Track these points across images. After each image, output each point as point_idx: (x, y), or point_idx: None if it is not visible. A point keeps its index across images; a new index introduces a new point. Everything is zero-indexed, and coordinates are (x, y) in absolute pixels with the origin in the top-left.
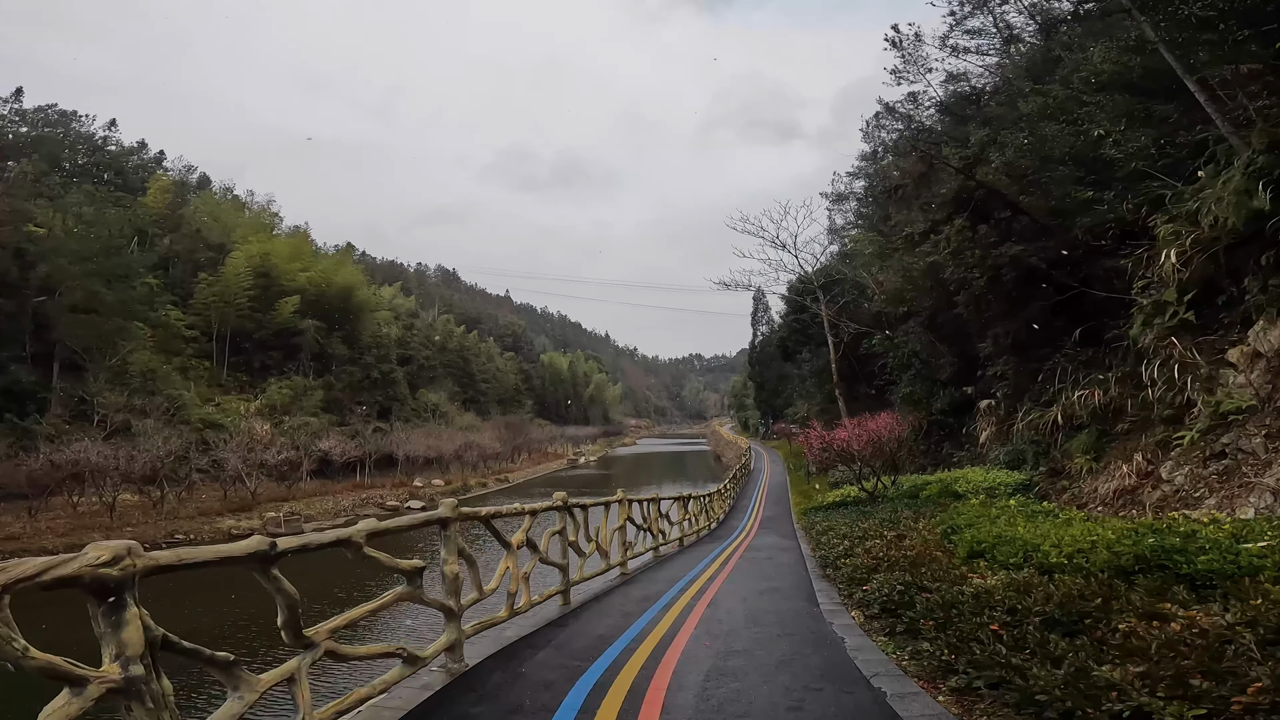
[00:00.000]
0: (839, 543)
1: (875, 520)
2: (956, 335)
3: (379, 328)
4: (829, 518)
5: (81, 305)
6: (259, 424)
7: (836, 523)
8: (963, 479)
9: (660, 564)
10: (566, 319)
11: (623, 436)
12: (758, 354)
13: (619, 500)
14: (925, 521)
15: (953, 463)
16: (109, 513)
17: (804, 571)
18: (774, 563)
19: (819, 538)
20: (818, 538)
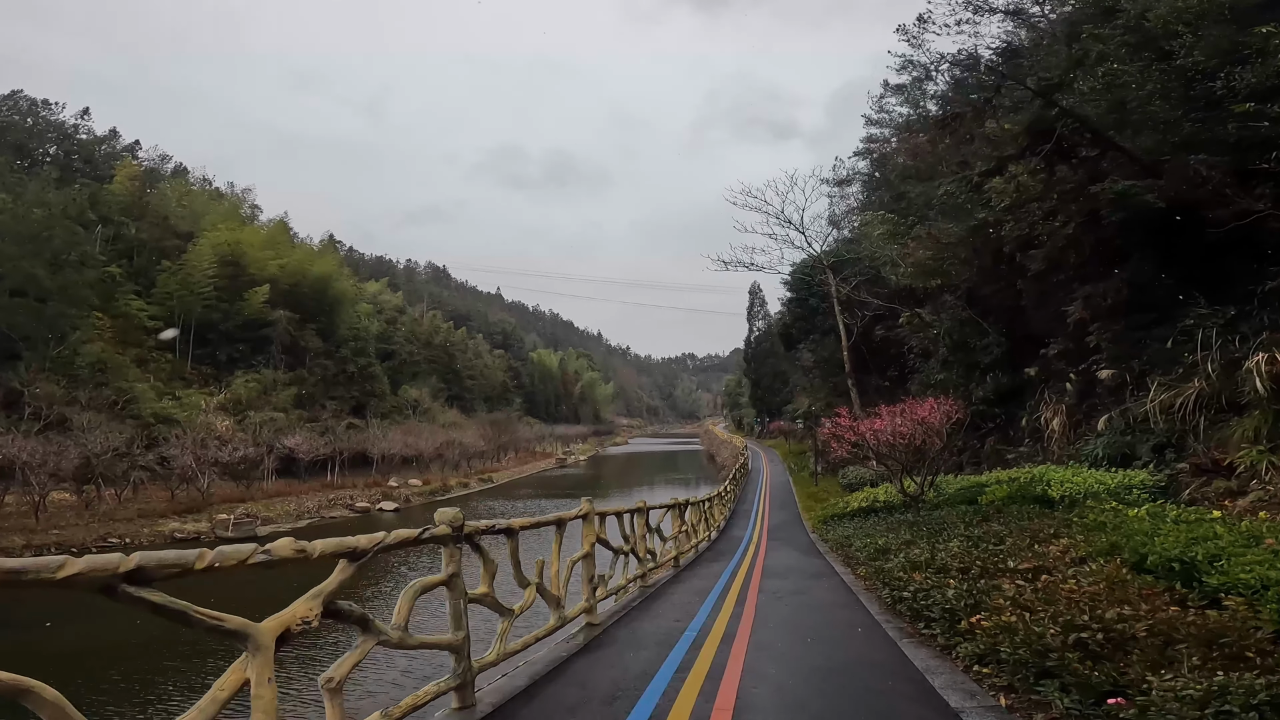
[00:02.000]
0: (918, 575)
1: (954, 538)
2: (1005, 310)
3: (358, 320)
4: (864, 530)
5: (20, 290)
6: (219, 419)
7: (878, 536)
8: (1043, 480)
9: (648, 602)
10: (558, 317)
11: (614, 436)
12: (753, 350)
13: (581, 515)
14: (1060, 541)
15: (1008, 460)
16: (35, 514)
17: (867, 619)
18: (811, 602)
19: (870, 561)
20: (867, 561)
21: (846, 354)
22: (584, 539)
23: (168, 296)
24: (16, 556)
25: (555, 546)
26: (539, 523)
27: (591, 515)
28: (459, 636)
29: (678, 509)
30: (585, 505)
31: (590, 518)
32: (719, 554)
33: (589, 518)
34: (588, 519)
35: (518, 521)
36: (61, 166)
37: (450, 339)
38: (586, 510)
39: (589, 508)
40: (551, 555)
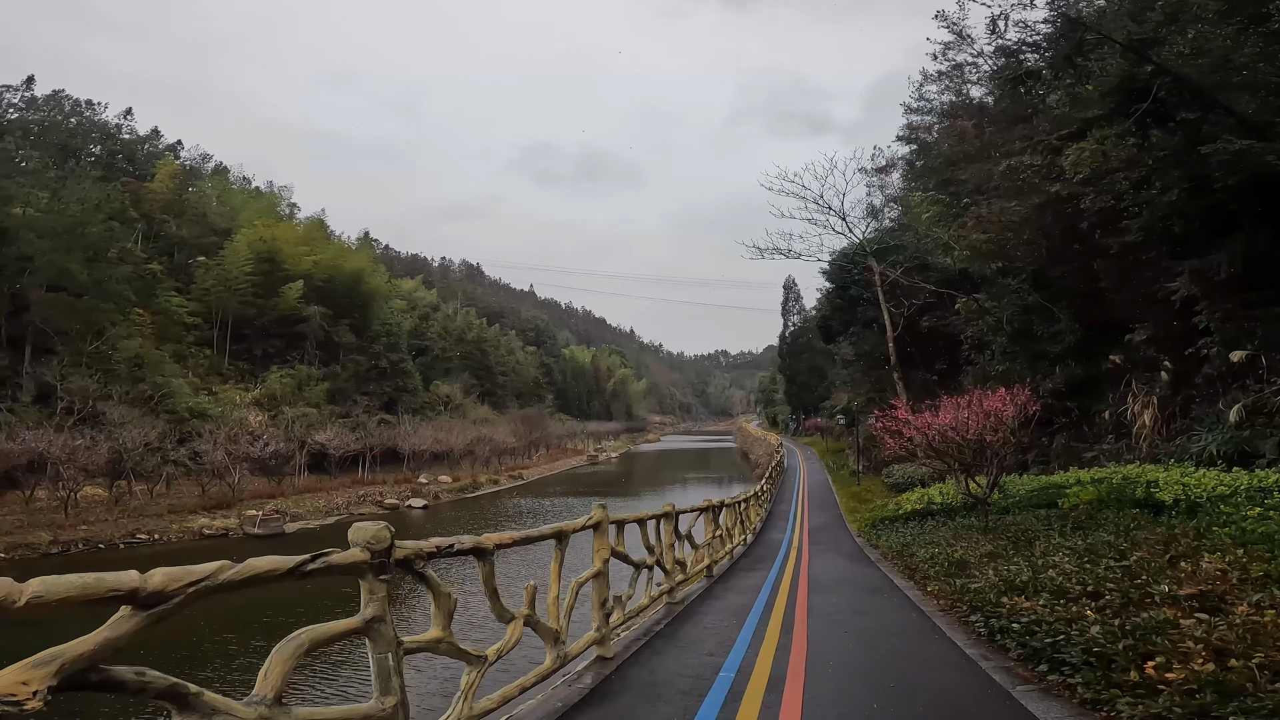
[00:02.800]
0: (1025, 602)
1: (1055, 551)
2: (1078, 294)
3: (390, 316)
4: (926, 536)
5: (54, 285)
6: (253, 414)
7: (945, 545)
8: (1140, 480)
9: (676, 625)
10: (590, 314)
11: (646, 433)
12: (788, 345)
13: (591, 525)
14: (1210, 557)
15: (1084, 459)
16: (65, 509)
17: (957, 656)
18: (876, 628)
19: (945, 578)
20: (941, 577)
21: (892, 346)
22: (595, 554)
23: (205, 293)
24: (43, 553)
25: (555, 566)
26: (527, 538)
27: (605, 525)
28: (386, 706)
29: (711, 512)
30: (597, 513)
31: (603, 527)
32: (756, 560)
33: (602, 528)
34: (600, 529)
35: (493, 538)
36: (105, 166)
37: (483, 335)
38: (599, 519)
39: (601, 515)
40: (550, 576)
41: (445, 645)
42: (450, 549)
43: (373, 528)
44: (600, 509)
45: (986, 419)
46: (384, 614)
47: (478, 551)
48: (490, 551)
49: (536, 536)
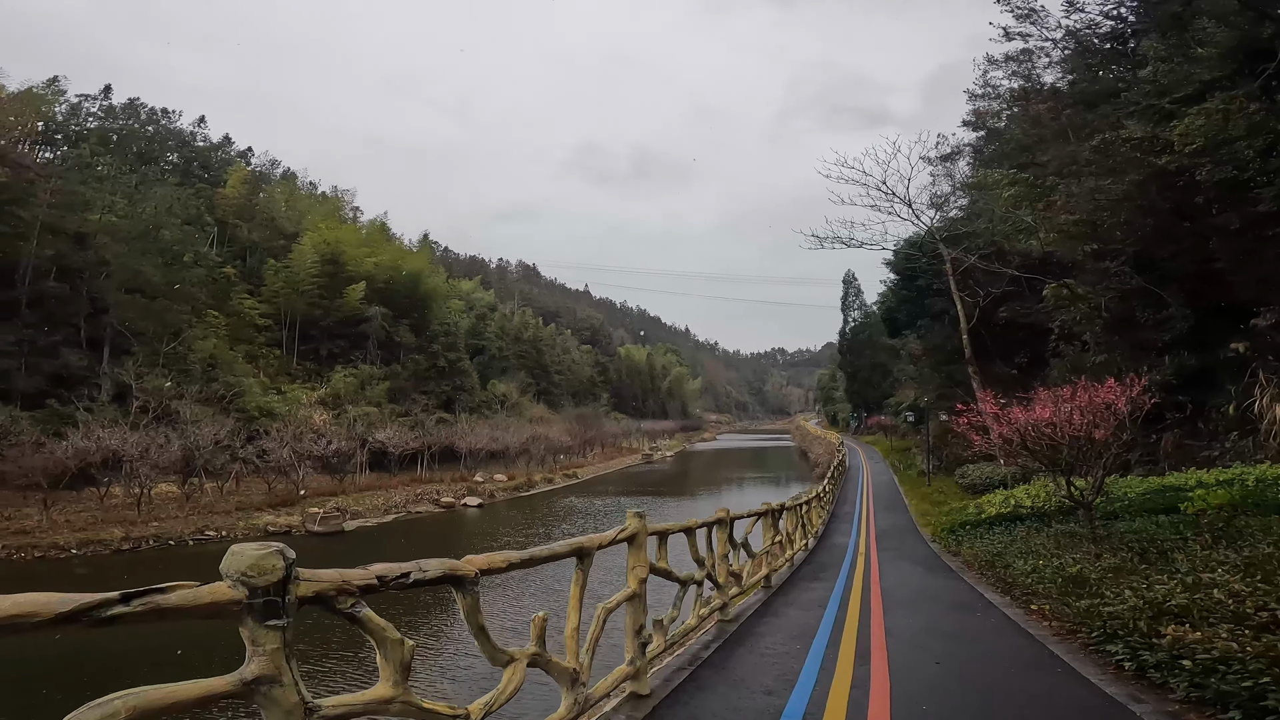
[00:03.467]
0: (1195, 633)
1: (1214, 567)
2: (1190, 277)
3: (448, 316)
4: (1022, 545)
5: (129, 286)
6: (317, 413)
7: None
8: None
9: (728, 649)
10: (645, 313)
11: (701, 432)
12: (849, 341)
13: (625, 538)
14: None
15: (1201, 459)
16: (138, 505)
17: (1099, 700)
18: (978, 655)
19: (1060, 597)
20: (1053, 595)
21: (966, 338)
22: (630, 572)
23: (275, 294)
24: (115, 549)
25: (575, 590)
26: (532, 559)
27: (642, 537)
28: None
29: (770, 516)
30: (632, 522)
31: (640, 541)
32: (820, 569)
33: (638, 541)
34: (636, 543)
35: (479, 561)
36: (181, 173)
37: (538, 334)
38: (634, 530)
39: (638, 526)
40: (569, 603)
41: (399, 705)
42: (405, 579)
43: (255, 553)
44: (636, 518)
45: (1096, 413)
46: (278, 672)
47: (454, 580)
48: (472, 580)
49: (546, 556)
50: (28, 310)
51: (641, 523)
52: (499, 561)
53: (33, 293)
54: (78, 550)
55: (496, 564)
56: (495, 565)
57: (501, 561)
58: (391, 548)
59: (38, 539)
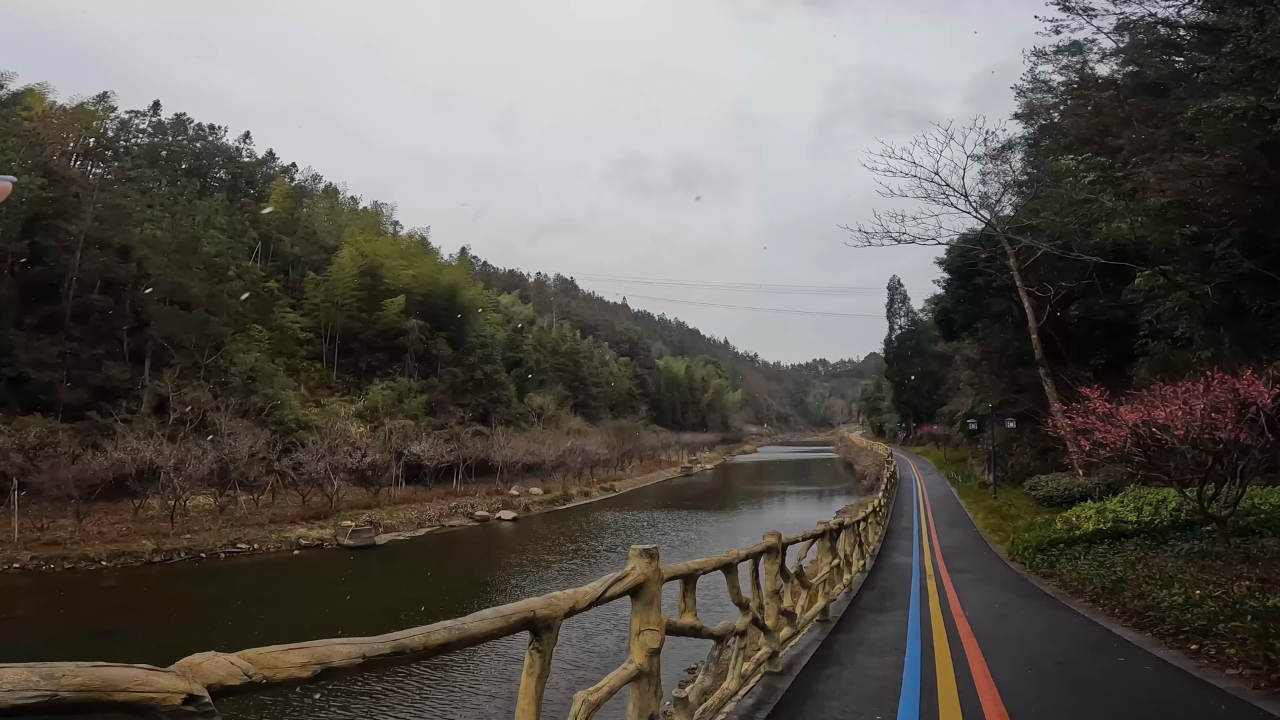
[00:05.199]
0: None
1: None
2: None
3: (485, 328)
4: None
5: (171, 299)
6: (355, 426)
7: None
8: None
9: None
10: (684, 325)
11: (742, 444)
12: (895, 350)
13: (628, 588)
14: None
15: None
16: (170, 518)
17: None
18: None
19: (1260, 645)
20: (1233, 636)
21: (1036, 339)
22: (634, 639)
23: (315, 308)
24: (145, 562)
25: (527, 683)
26: (402, 650)
27: (654, 586)
28: None
29: (828, 537)
30: (638, 564)
31: (650, 592)
32: (884, 595)
33: (646, 593)
34: (643, 596)
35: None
36: (229, 189)
37: (576, 347)
38: (640, 578)
39: (646, 571)
40: (519, 704)
41: None
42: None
43: None
44: (644, 558)
45: (1240, 412)
46: None
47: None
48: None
49: (456, 642)
50: (72, 323)
51: (652, 566)
52: (333, 656)
53: (77, 306)
54: (107, 562)
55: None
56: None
57: (305, 664)
58: (421, 562)
59: (69, 550)
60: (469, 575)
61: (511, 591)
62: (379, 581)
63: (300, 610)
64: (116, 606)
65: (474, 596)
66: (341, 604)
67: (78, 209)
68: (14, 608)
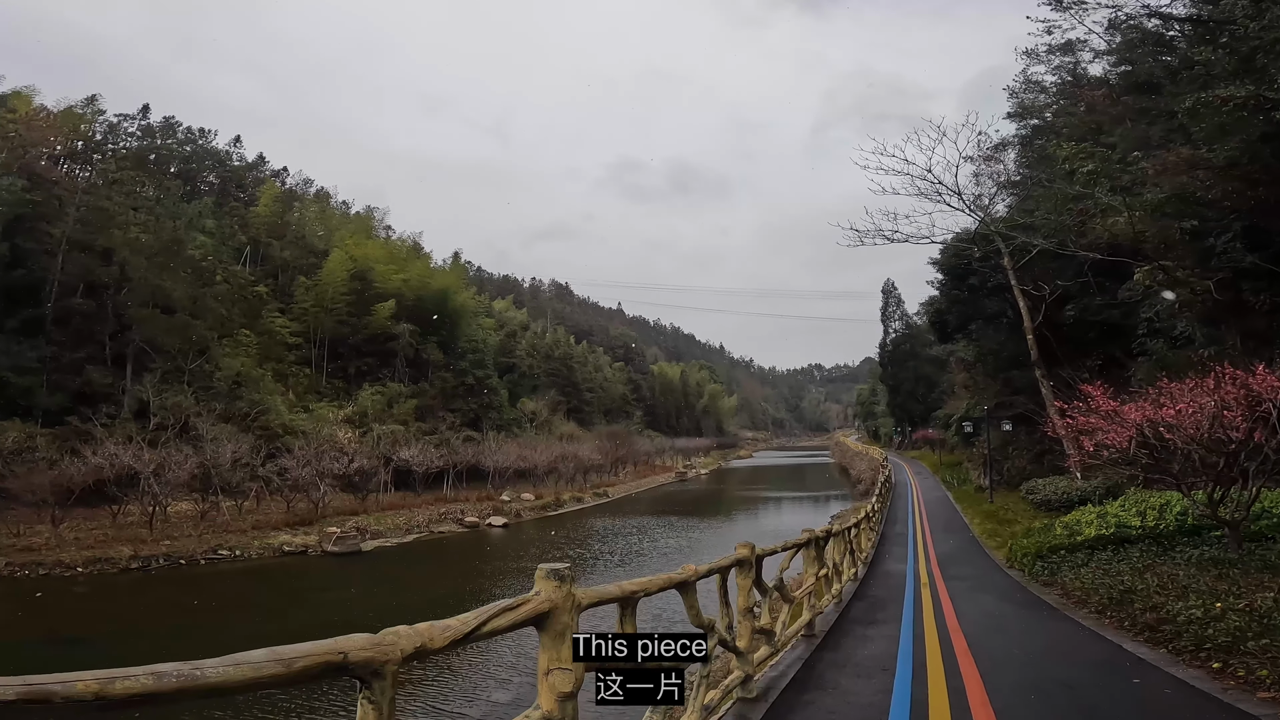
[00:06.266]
0: None
1: None
2: None
3: (477, 333)
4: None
5: (152, 302)
6: (343, 431)
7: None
8: None
9: None
10: (679, 331)
11: (738, 449)
12: (890, 354)
13: (522, 620)
14: None
15: None
16: (150, 523)
17: None
18: None
19: None
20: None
21: (1031, 339)
22: (542, 681)
23: (305, 312)
24: (122, 568)
25: None
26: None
27: (562, 614)
28: None
29: (813, 546)
30: (544, 589)
31: (558, 619)
32: (876, 606)
33: (554, 621)
34: (549, 624)
35: None
36: (219, 192)
37: (569, 352)
38: (548, 603)
39: (554, 596)
40: None
41: None
42: None
43: None
44: (552, 581)
45: (1251, 409)
46: None
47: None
48: None
49: (175, 692)
50: (54, 327)
51: (562, 590)
52: None
53: (59, 309)
54: (83, 569)
55: None
56: None
57: None
58: (407, 569)
59: (44, 556)
60: (454, 582)
61: (495, 599)
62: (360, 589)
63: (277, 616)
64: (86, 613)
65: (457, 603)
66: (319, 611)
67: (60, 212)
68: None
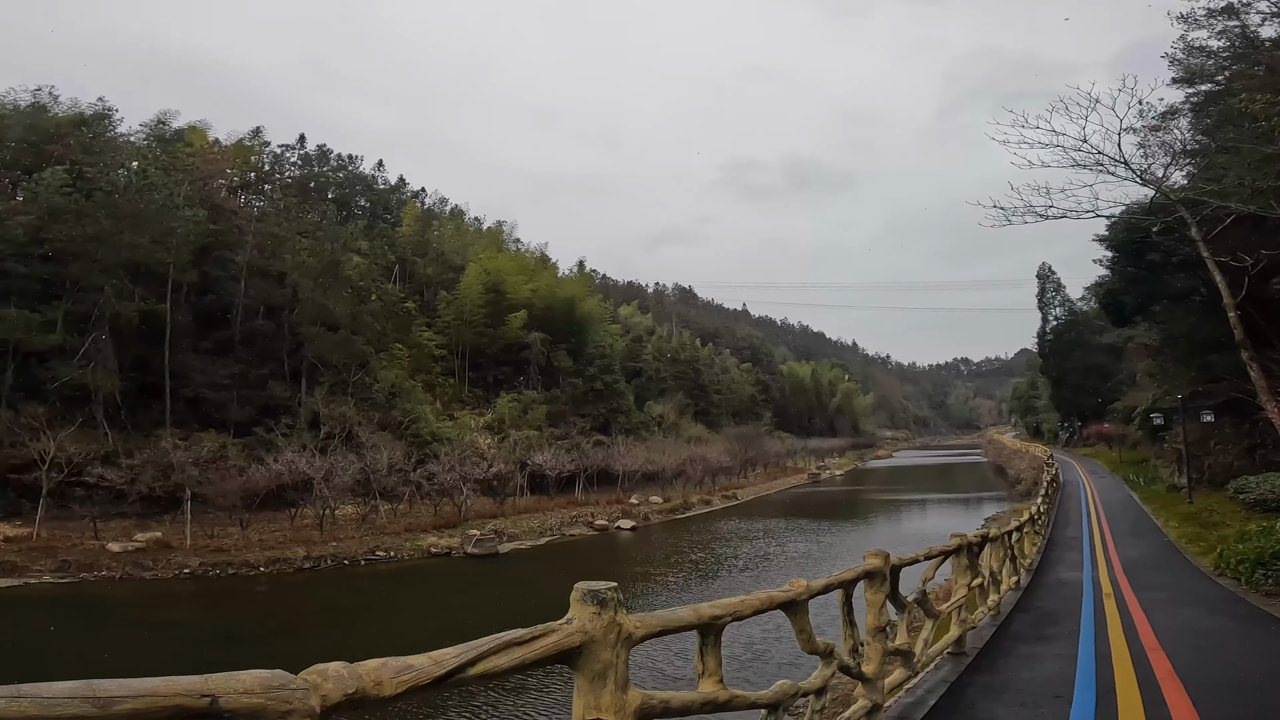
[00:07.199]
0: None
1: None
2: None
3: (604, 339)
4: None
5: (318, 321)
6: (483, 438)
7: None
8: None
9: None
10: (808, 329)
11: (875, 449)
12: (1051, 343)
13: (553, 646)
14: None
15: None
16: (320, 525)
17: None
18: None
19: None
20: None
21: (1234, 317)
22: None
23: (447, 325)
24: (297, 567)
25: None
26: None
27: (602, 649)
28: None
29: (965, 553)
30: (579, 615)
31: (597, 655)
32: (1045, 620)
33: (591, 657)
34: (585, 661)
35: None
36: (370, 215)
37: (696, 355)
38: (580, 635)
39: (591, 626)
40: None
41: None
42: None
43: None
44: (590, 606)
45: None
46: None
47: None
48: None
49: None
50: (240, 347)
51: (603, 618)
52: None
53: (244, 331)
54: (265, 568)
55: None
56: None
57: None
58: (539, 571)
59: (232, 556)
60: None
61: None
62: (493, 590)
63: (413, 616)
64: (259, 611)
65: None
66: (458, 613)
67: (240, 240)
68: (171, 610)
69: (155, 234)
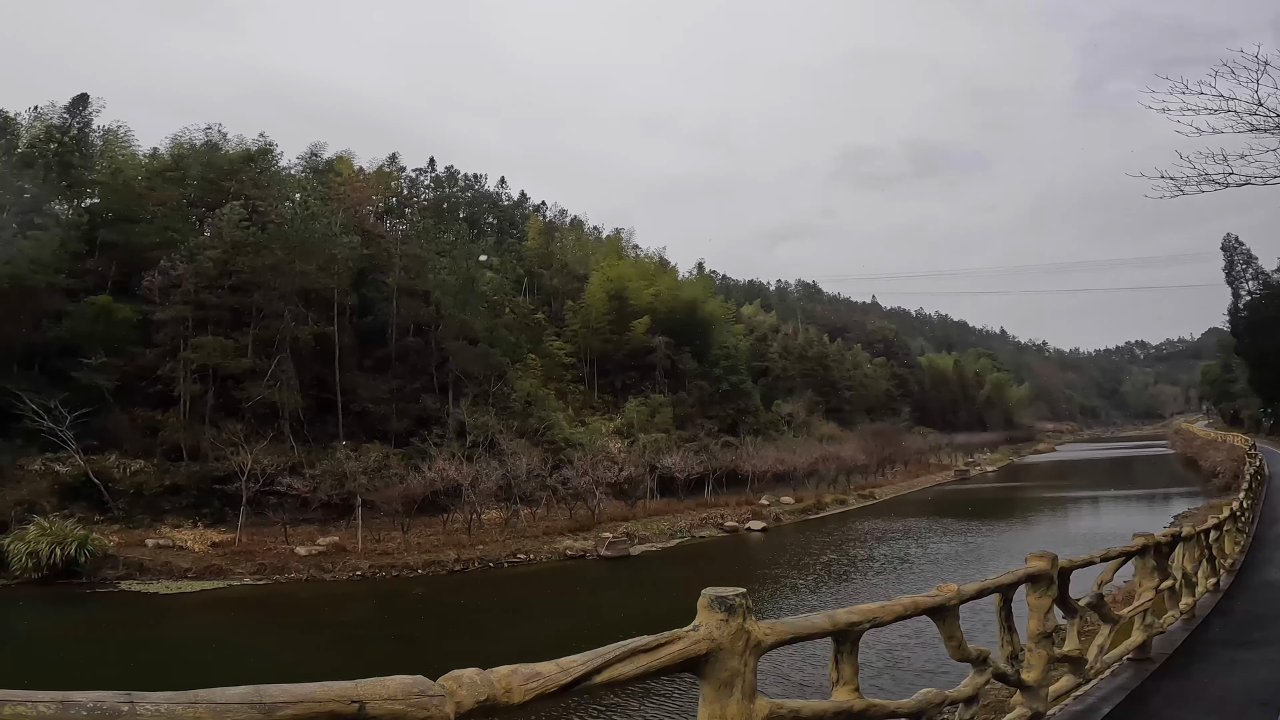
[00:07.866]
0: None
1: None
2: None
3: (728, 339)
4: None
5: (459, 335)
6: (613, 442)
7: None
8: None
9: None
10: (948, 318)
11: (1034, 442)
12: (1245, 320)
13: (678, 654)
14: None
15: None
16: (467, 530)
17: None
18: None
19: None
20: None
21: None
22: None
23: (575, 334)
24: (449, 570)
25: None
26: None
27: (729, 657)
28: None
29: (1152, 553)
30: (706, 623)
31: (725, 663)
32: (1249, 624)
33: (718, 666)
34: (712, 669)
35: None
36: (498, 231)
37: (824, 351)
38: (707, 642)
39: (719, 634)
40: None
41: None
42: None
43: None
44: (718, 613)
45: None
46: None
47: None
48: None
49: None
50: (396, 363)
51: (731, 625)
52: None
53: (398, 348)
54: (422, 570)
55: None
56: None
57: None
58: (669, 574)
59: (395, 559)
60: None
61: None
62: (625, 593)
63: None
64: (415, 613)
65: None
66: (594, 615)
67: (389, 262)
68: (348, 612)
69: (320, 261)
